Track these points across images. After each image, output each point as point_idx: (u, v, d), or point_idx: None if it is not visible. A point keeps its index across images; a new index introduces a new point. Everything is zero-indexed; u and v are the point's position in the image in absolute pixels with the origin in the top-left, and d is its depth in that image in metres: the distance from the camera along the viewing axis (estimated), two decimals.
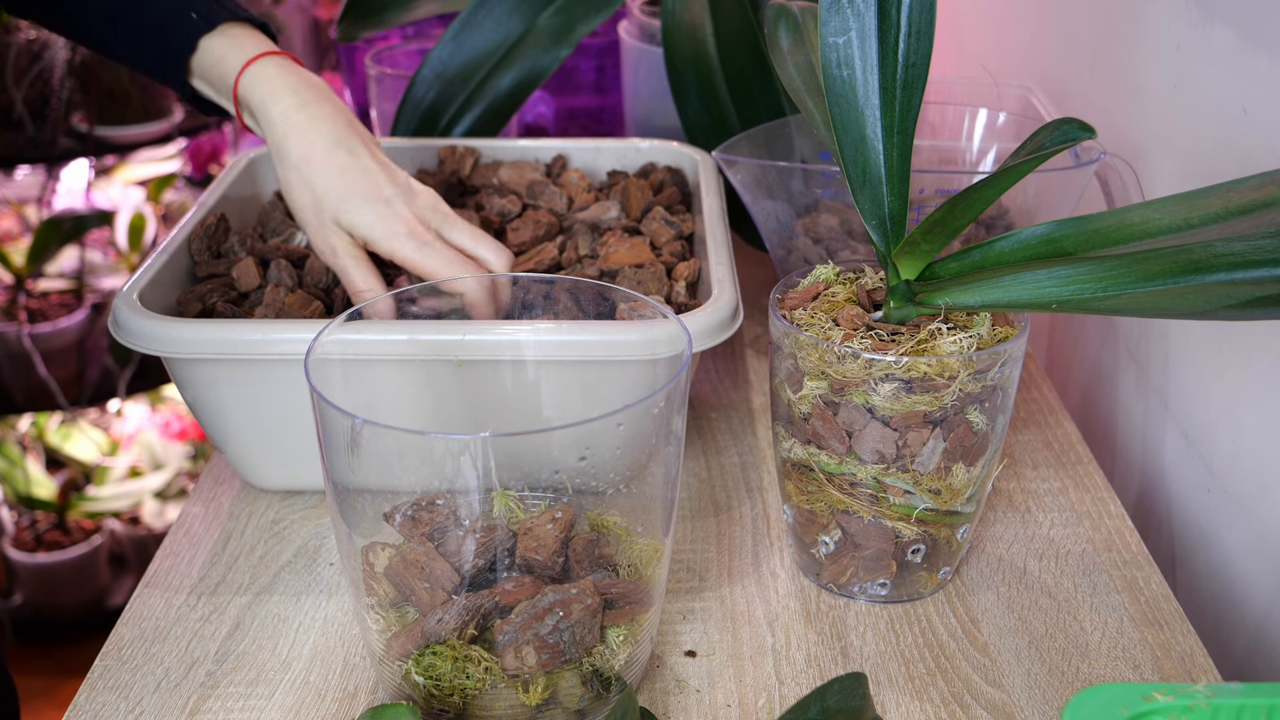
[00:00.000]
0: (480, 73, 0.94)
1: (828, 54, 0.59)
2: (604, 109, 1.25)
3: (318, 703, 0.57)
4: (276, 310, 0.69)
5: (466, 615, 0.50)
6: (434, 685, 0.51)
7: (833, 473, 0.60)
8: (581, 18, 0.94)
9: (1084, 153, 0.80)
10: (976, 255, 0.58)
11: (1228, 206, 0.52)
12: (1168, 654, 0.60)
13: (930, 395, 0.56)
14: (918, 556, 0.61)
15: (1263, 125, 0.66)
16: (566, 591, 0.51)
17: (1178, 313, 0.49)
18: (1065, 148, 0.56)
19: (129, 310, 0.65)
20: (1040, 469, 0.75)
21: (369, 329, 0.61)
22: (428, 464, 0.50)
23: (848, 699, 0.46)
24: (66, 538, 2.02)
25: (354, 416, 0.48)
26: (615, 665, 0.53)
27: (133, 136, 1.93)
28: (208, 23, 0.73)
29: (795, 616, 0.62)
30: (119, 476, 2.09)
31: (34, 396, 1.94)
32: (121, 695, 0.58)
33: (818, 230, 0.81)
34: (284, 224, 0.80)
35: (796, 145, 0.87)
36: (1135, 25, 0.82)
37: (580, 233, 0.78)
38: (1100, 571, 0.65)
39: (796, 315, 0.61)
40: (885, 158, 0.59)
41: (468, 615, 0.50)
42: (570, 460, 0.52)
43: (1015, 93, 0.96)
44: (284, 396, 0.65)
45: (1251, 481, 0.68)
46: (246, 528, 0.69)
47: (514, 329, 0.62)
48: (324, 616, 0.62)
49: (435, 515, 0.52)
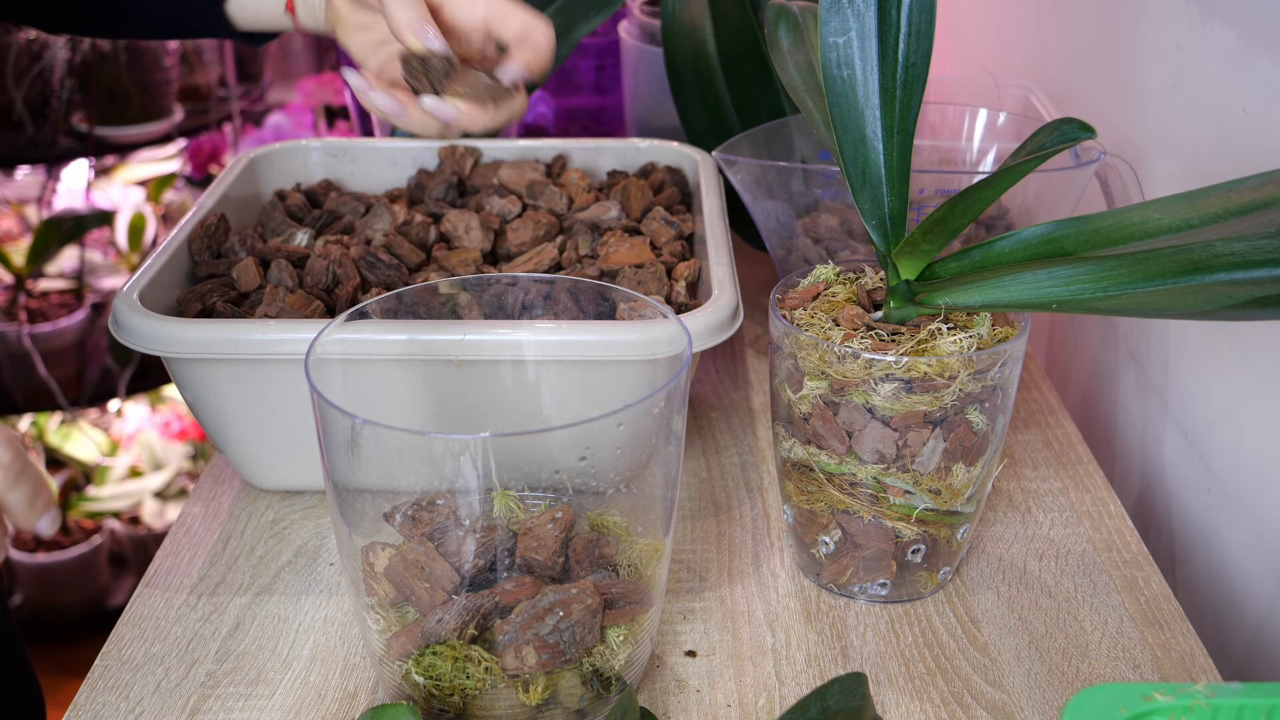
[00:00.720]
0: None
1: (828, 54, 0.59)
2: (604, 109, 1.25)
3: (318, 703, 0.57)
4: (277, 310, 0.69)
5: (466, 615, 0.50)
6: (434, 685, 0.51)
7: (833, 473, 0.60)
8: (581, 18, 0.94)
9: (1084, 153, 0.80)
10: (976, 255, 0.58)
11: (1228, 206, 0.52)
12: (1168, 654, 0.60)
13: (930, 395, 0.56)
14: (918, 556, 0.62)
15: (1263, 125, 0.66)
16: (566, 591, 0.51)
17: (1178, 313, 0.49)
18: (1065, 148, 0.56)
19: (129, 310, 0.65)
20: (1040, 469, 0.75)
21: (369, 329, 0.61)
22: (428, 464, 0.50)
23: (848, 699, 0.46)
24: (66, 538, 2.02)
25: (354, 417, 0.48)
26: (615, 665, 0.53)
27: (133, 136, 1.93)
28: None
29: (795, 616, 0.62)
30: (119, 476, 2.09)
31: (34, 396, 1.94)
32: (121, 695, 0.58)
33: (818, 230, 0.81)
34: (284, 224, 0.80)
35: (796, 145, 0.87)
36: (1135, 25, 0.82)
37: (580, 233, 0.78)
38: (1100, 571, 0.65)
39: (796, 315, 0.61)
40: (885, 158, 0.59)
41: (468, 615, 0.50)
42: (570, 460, 0.52)
43: (1015, 93, 0.96)
44: (284, 396, 0.65)
45: (1251, 481, 0.68)
46: (246, 528, 0.69)
47: (514, 329, 0.62)
48: (324, 616, 0.62)
49: (435, 515, 0.52)
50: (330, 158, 0.89)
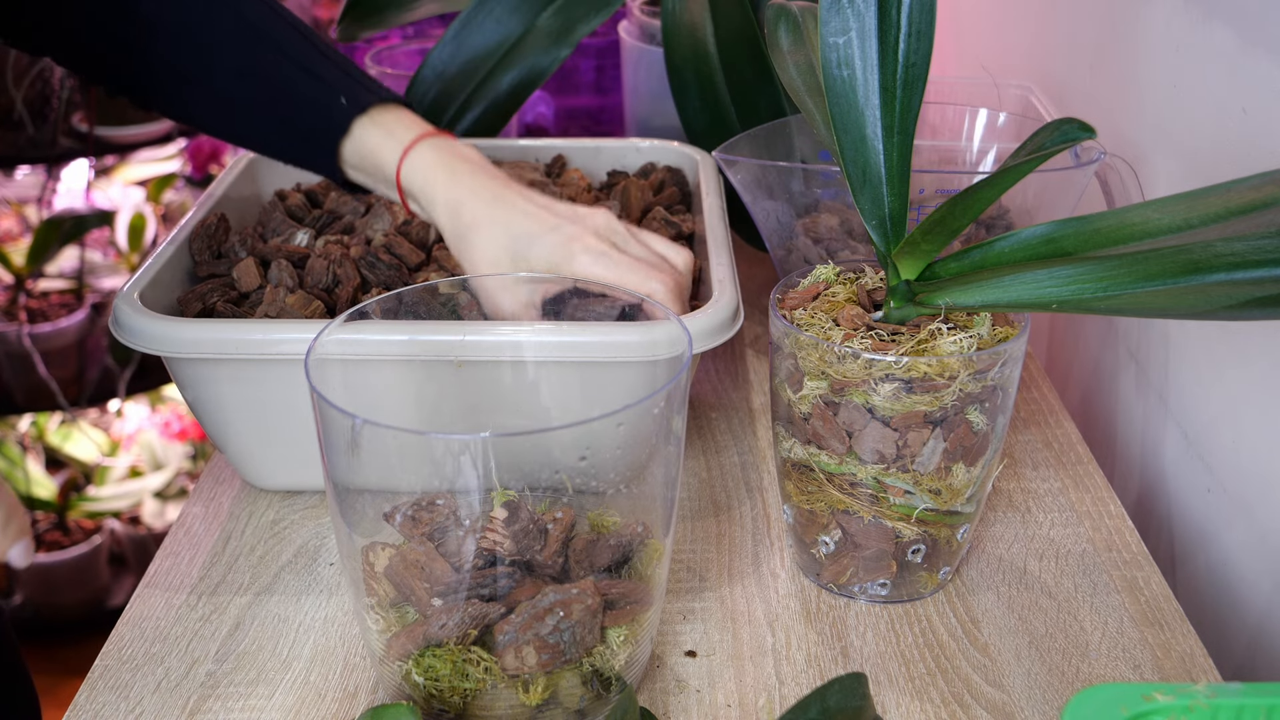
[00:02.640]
0: (480, 73, 0.94)
1: (828, 54, 0.59)
2: (604, 109, 1.25)
3: (318, 703, 0.57)
4: (277, 310, 0.69)
5: (468, 621, 0.50)
6: (434, 685, 0.51)
7: (833, 473, 0.60)
8: (581, 18, 0.94)
9: (1084, 153, 0.80)
10: (976, 255, 0.58)
11: (1228, 206, 0.52)
12: (1168, 654, 0.60)
13: (930, 395, 0.56)
14: (918, 556, 0.62)
15: (1263, 125, 0.66)
16: (567, 592, 0.51)
17: (1178, 313, 0.49)
18: (1065, 148, 0.56)
19: (129, 310, 0.65)
20: (1040, 469, 0.75)
21: (369, 329, 0.61)
22: (428, 464, 0.50)
23: (848, 699, 0.46)
24: (66, 538, 2.02)
25: (354, 417, 0.48)
26: (615, 665, 0.53)
27: (133, 136, 1.93)
28: (358, 107, 0.72)
29: (795, 616, 0.62)
30: (119, 476, 2.09)
31: (34, 396, 1.94)
32: (121, 695, 0.58)
33: (818, 230, 0.81)
34: (284, 224, 0.80)
35: (796, 145, 0.87)
36: (1135, 25, 0.82)
37: None
38: (1100, 571, 0.65)
39: (796, 315, 0.61)
40: (885, 158, 0.59)
41: (469, 621, 0.50)
42: (570, 460, 0.52)
43: (1015, 93, 0.96)
44: (284, 396, 0.65)
45: (1251, 481, 0.68)
46: (246, 528, 0.69)
47: (514, 329, 0.62)
48: (324, 616, 0.62)
49: (435, 515, 0.52)
50: None
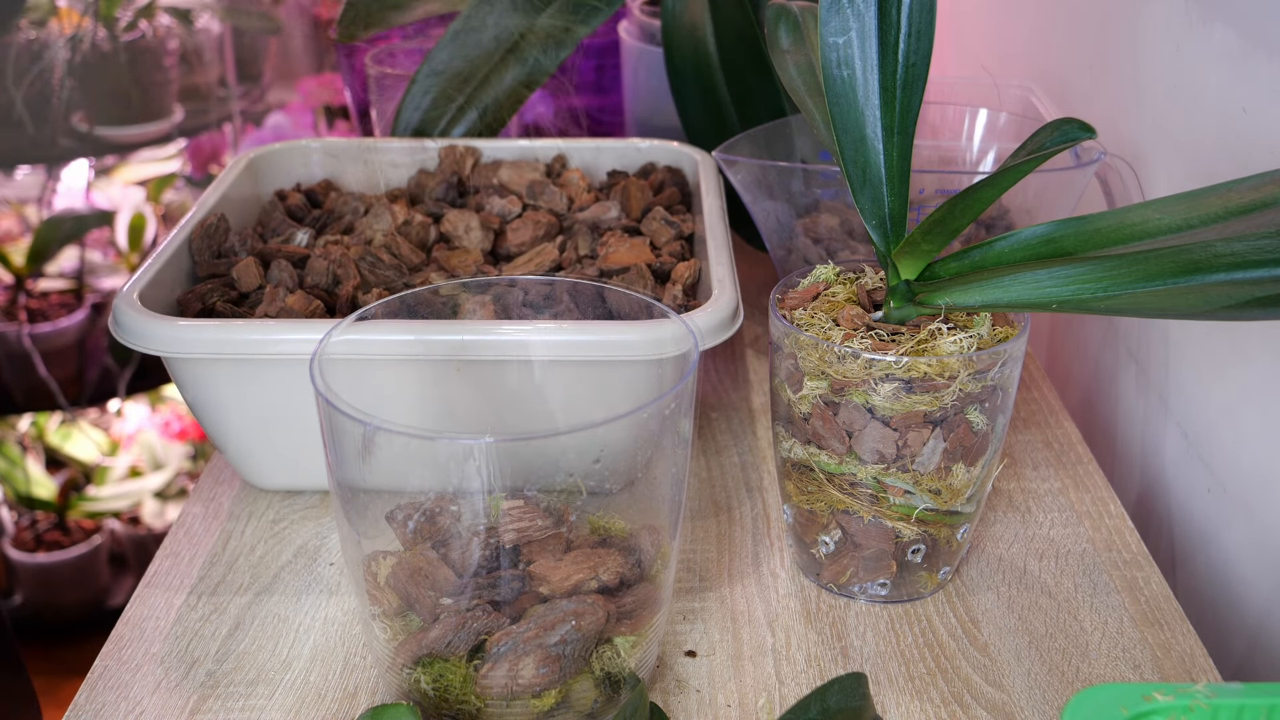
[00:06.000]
0: (480, 73, 0.94)
1: (828, 54, 0.59)
2: (604, 109, 1.25)
3: (318, 702, 0.57)
4: (277, 310, 0.69)
5: (471, 636, 0.50)
6: (444, 695, 0.51)
7: (833, 473, 0.60)
8: (581, 18, 0.94)
9: (1084, 153, 0.80)
10: (976, 255, 0.58)
11: (1228, 206, 0.52)
12: (1168, 654, 0.60)
13: (930, 395, 0.56)
14: (918, 556, 0.62)
15: (1263, 125, 0.66)
16: (581, 601, 0.51)
17: (1178, 313, 0.49)
18: (1065, 148, 0.56)
19: (129, 310, 0.65)
20: (1040, 469, 0.75)
21: (374, 330, 0.61)
22: (438, 468, 0.49)
23: (848, 699, 0.46)
24: (66, 538, 2.02)
25: (366, 424, 0.47)
26: (624, 669, 0.53)
27: (133, 136, 1.93)
28: None
29: (795, 616, 0.62)
30: (119, 476, 2.09)
31: (34, 396, 1.94)
32: (121, 695, 0.58)
33: (818, 230, 0.81)
34: (284, 224, 0.80)
35: (796, 145, 0.87)
36: (1135, 25, 0.82)
37: (580, 233, 0.78)
38: (1100, 571, 0.65)
39: (796, 315, 0.61)
40: (885, 158, 0.59)
41: (472, 637, 0.50)
42: (580, 462, 0.52)
43: (1015, 93, 0.96)
44: (284, 396, 0.65)
45: (1251, 481, 0.68)
46: (246, 528, 0.69)
47: (518, 329, 0.62)
48: (324, 616, 0.62)
49: (441, 520, 0.52)
50: (330, 158, 0.89)
